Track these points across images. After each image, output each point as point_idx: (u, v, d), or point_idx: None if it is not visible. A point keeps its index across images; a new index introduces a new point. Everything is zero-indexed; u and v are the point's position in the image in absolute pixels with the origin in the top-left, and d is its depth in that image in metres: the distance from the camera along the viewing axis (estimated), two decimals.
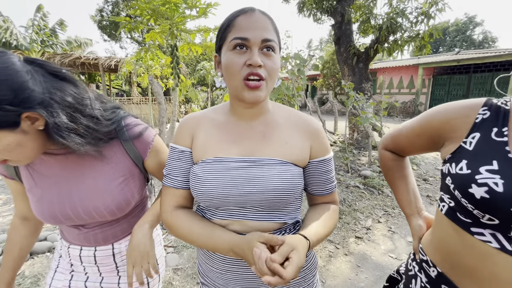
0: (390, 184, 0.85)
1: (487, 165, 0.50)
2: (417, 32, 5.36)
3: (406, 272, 0.75)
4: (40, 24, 9.36)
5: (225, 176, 0.63)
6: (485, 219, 0.50)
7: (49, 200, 0.72)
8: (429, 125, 0.66)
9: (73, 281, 0.85)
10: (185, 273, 2.03)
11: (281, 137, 0.68)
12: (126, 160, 0.76)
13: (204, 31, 6.62)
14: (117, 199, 0.75)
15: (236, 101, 0.68)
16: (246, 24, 0.59)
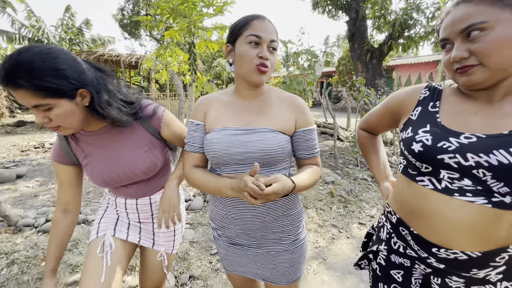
0: (365, 158, 1.03)
1: (423, 128, 0.68)
2: (433, 27, 5.31)
3: (377, 225, 0.93)
4: (68, 23, 9.98)
5: (229, 140, 0.83)
6: (423, 168, 0.67)
7: (99, 170, 0.94)
8: (389, 106, 0.85)
9: (120, 220, 1.09)
10: (200, 245, 2.28)
11: (272, 112, 0.88)
12: (146, 134, 0.98)
13: (221, 28, 6.87)
14: (146, 163, 0.97)
15: (243, 83, 0.88)
16: (260, 27, 0.80)
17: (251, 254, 0.95)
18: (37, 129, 9.75)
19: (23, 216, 2.41)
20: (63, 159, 0.95)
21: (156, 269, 1.10)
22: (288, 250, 0.94)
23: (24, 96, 0.69)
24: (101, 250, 0.94)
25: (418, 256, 0.73)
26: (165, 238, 1.11)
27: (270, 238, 0.92)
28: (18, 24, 9.00)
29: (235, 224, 0.91)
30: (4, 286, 1.72)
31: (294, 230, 0.95)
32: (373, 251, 0.88)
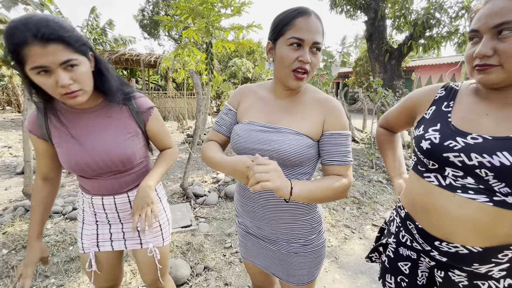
0: (382, 154, 1.06)
1: (433, 126, 0.71)
2: (456, 27, 5.14)
3: (389, 219, 0.96)
4: (93, 24, 10.44)
5: (252, 135, 0.85)
6: (430, 165, 0.70)
7: (74, 152, 0.88)
8: (406, 104, 0.88)
9: (100, 229, 1.04)
10: (214, 239, 2.36)
11: (301, 113, 0.85)
12: (132, 122, 0.95)
13: (238, 28, 6.98)
14: (126, 150, 0.92)
15: (279, 84, 0.86)
16: (304, 26, 0.74)
17: (263, 247, 0.97)
18: None
19: None
20: (37, 131, 0.89)
21: (150, 265, 1.09)
22: (298, 253, 0.92)
23: (55, 51, 0.68)
24: (90, 266, 1.03)
25: (423, 249, 0.76)
26: (152, 234, 1.07)
27: (280, 237, 0.93)
28: None
29: (250, 216, 0.95)
30: (36, 266, 1.87)
31: (307, 235, 0.92)
32: (383, 243, 0.91)
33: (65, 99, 0.76)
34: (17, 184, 3.64)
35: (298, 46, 0.76)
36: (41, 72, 0.70)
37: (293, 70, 0.77)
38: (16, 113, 13.61)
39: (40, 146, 0.91)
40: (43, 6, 1.96)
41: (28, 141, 2.23)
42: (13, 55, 0.69)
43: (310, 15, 0.76)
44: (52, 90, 0.73)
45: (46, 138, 0.89)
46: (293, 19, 0.76)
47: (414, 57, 15.93)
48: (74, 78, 0.74)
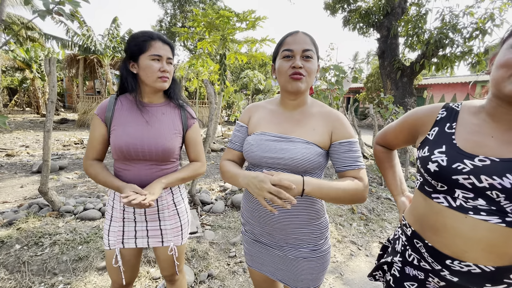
0: (382, 173, 1.06)
1: (439, 148, 0.71)
2: (469, 47, 5.12)
3: (393, 237, 0.95)
4: (114, 33, 10.93)
5: (265, 144, 0.92)
6: (439, 186, 0.71)
7: (129, 133, 1.04)
8: (407, 122, 0.88)
9: (126, 227, 1.13)
10: (219, 247, 2.37)
11: (310, 124, 0.93)
12: (180, 123, 1.15)
13: (251, 42, 7.17)
14: (169, 142, 1.09)
15: (284, 93, 0.95)
16: (292, 41, 0.88)
17: (271, 254, 0.99)
18: (77, 127, 10.64)
19: (65, 203, 2.67)
20: (102, 115, 1.07)
21: (168, 262, 1.20)
22: (306, 258, 0.96)
23: (167, 49, 1.05)
24: (116, 262, 1.11)
25: (432, 269, 0.75)
26: (173, 234, 1.17)
27: (290, 243, 0.96)
28: (71, 32, 10.05)
29: (259, 222, 0.98)
30: (46, 263, 1.92)
31: (315, 240, 0.97)
32: (388, 262, 0.90)
33: (158, 81, 1.04)
34: (33, 182, 3.78)
35: (289, 57, 0.88)
36: (155, 59, 1.03)
37: (289, 76, 0.88)
38: (35, 114, 14.18)
39: (98, 129, 1.08)
40: (73, 17, 2.11)
41: (49, 141, 2.34)
42: (136, 46, 1.02)
43: (297, 32, 0.90)
44: (154, 71, 1.03)
45: (107, 122, 1.07)
46: (284, 39, 0.91)
47: (427, 75, 15.84)
48: (169, 71, 1.07)
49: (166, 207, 1.16)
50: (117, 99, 1.11)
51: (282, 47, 0.90)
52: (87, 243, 2.15)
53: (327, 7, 8.59)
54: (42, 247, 2.04)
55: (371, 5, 6.41)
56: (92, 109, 11.22)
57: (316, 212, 0.96)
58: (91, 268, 1.93)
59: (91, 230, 2.32)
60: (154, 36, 1.03)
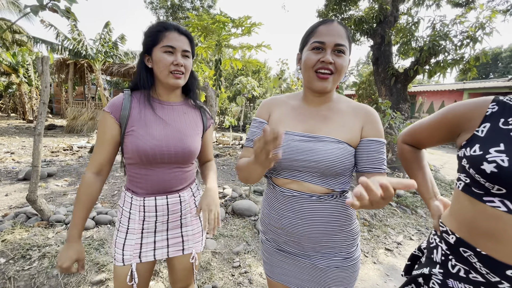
0: (410, 174, 0.96)
1: (495, 147, 0.64)
2: (461, 55, 5.26)
3: (428, 245, 0.85)
4: (106, 37, 10.76)
5: (291, 145, 0.83)
6: (494, 189, 0.63)
7: (152, 135, 0.94)
8: (446, 118, 0.80)
9: (144, 239, 1.01)
10: (221, 257, 2.24)
11: (340, 121, 0.85)
12: (200, 123, 1.10)
13: (247, 47, 7.18)
14: (194, 143, 1.03)
15: (308, 90, 0.87)
16: (325, 32, 0.79)
17: (298, 263, 0.90)
18: (66, 133, 10.29)
19: (55, 212, 2.50)
20: (117, 114, 0.93)
21: (186, 271, 1.10)
22: (339, 267, 0.87)
23: (184, 41, 0.95)
24: (130, 279, 0.96)
25: (486, 281, 0.67)
26: (195, 239, 1.10)
27: (321, 251, 0.88)
28: (62, 36, 9.83)
29: (285, 230, 0.88)
30: (34, 278, 1.76)
31: (348, 247, 0.89)
32: (425, 274, 0.80)
33: (170, 77, 0.94)
34: (19, 190, 3.55)
35: (319, 49, 0.79)
36: (168, 51, 0.92)
37: (316, 71, 0.79)
38: (21, 120, 13.68)
39: (110, 130, 0.94)
40: (69, 14, 1.99)
41: (39, 145, 2.19)
42: (150, 37, 0.93)
43: (333, 22, 0.81)
44: (166, 65, 0.92)
45: (122, 123, 0.94)
46: (316, 27, 0.82)
47: (415, 83, 16.28)
48: (184, 65, 0.95)
49: (189, 211, 1.08)
50: (132, 96, 0.98)
51: (312, 36, 0.81)
52: None
53: (320, 15, 8.73)
54: (30, 261, 1.87)
55: (365, 14, 6.53)
56: (82, 115, 10.91)
57: (349, 216, 0.89)
58: (85, 283, 1.78)
59: (84, 240, 2.16)
60: (169, 26, 0.94)
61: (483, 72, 26.52)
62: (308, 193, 0.84)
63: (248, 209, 2.92)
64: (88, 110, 11.02)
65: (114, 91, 21.68)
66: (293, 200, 0.85)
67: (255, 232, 2.63)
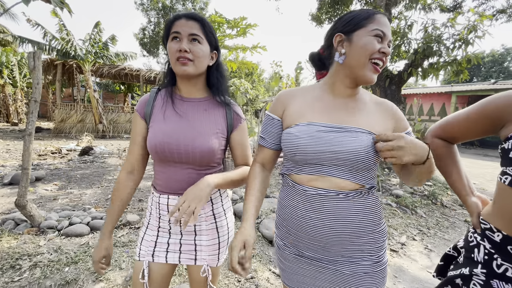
0: (443, 170, 0.92)
1: None
2: (454, 57, 5.37)
3: (466, 244, 0.81)
4: (96, 38, 10.48)
5: (318, 136, 0.77)
6: None
7: (163, 131, 0.91)
8: (487, 110, 0.76)
9: (159, 238, 0.99)
10: (226, 262, 2.15)
11: (368, 113, 0.81)
12: (223, 122, 0.99)
13: (243, 48, 7.13)
14: (209, 143, 0.92)
15: (346, 79, 0.81)
16: (384, 23, 0.76)
17: (321, 270, 0.82)
18: (54, 136, 9.94)
19: (46, 217, 2.34)
20: (141, 109, 0.97)
21: (201, 284, 1.02)
22: (367, 273, 0.80)
23: (192, 25, 0.87)
24: (142, 277, 0.96)
25: None
26: (209, 252, 1.00)
27: (348, 256, 0.80)
28: (49, 36, 9.50)
29: (309, 234, 0.80)
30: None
31: (377, 250, 0.81)
32: (465, 275, 0.75)
33: (177, 64, 0.88)
34: (5, 195, 3.35)
35: (381, 38, 0.76)
36: (174, 39, 0.88)
37: (373, 60, 0.76)
38: (5, 123, 13.13)
39: (138, 127, 0.97)
40: (63, 4, 1.87)
41: (30, 146, 2.04)
42: (164, 32, 0.92)
43: (385, 16, 0.78)
44: (172, 54, 0.87)
45: (147, 118, 0.96)
46: (373, 14, 0.77)
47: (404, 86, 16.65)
48: (192, 50, 0.87)
49: (204, 219, 0.99)
50: (158, 93, 0.99)
51: (373, 23, 0.76)
52: (75, 263, 1.85)
53: (313, 19, 8.81)
54: (20, 271, 1.73)
55: None
56: (70, 117, 10.57)
57: (378, 215, 0.82)
58: None
59: (79, 248, 2.03)
60: (179, 15, 0.89)
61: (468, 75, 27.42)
62: (335, 190, 0.77)
63: None
64: (77, 112, 10.69)
65: (103, 93, 21.19)
66: (317, 199, 0.78)
67: (259, 236, 2.55)
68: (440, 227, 3.31)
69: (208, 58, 0.93)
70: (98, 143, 8.73)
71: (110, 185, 4.07)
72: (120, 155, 6.77)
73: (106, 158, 6.35)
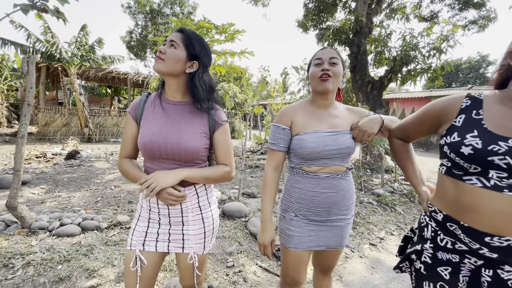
0: (401, 165, 1.10)
1: (470, 133, 0.77)
2: (429, 65, 5.73)
3: (419, 225, 0.97)
4: (82, 41, 10.35)
5: (322, 139, 1.11)
6: (471, 169, 0.75)
7: (152, 131, 1.01)
8: (429, 113, 0.93)
9: (150, 228, 1.10)
10: (215, 257, 2.26)
11: (346, 118, 1.18)
12: (206, 124, 1.08)
13: (231, 53, 7.27)
14: (193, 142, 1.03)
15: (316, 95, 1.18)
16: (321, 53, 1.15)
17: (323, 227, 1.18)
18: (37, 140, 9.68)
19: (37, 219, 2.37)
20: (133, 113, 1.08)
21: (188, 271, 1.12)
22: (348, 223, 1.23)
23: (176, 35, 1.01)
24: (134, 265, 1.04)
25: (469, 249, 0.78)
26: (196, 240, 1.10)
27: (339, 214, 1.18)
28: (33, 38, 9.32)
29: (320, 203, 1.14)
30: (19, 287, 1.67)
31: (351, 208, 1.23)
32: (417, 250, 0.91)
33: (155, 59, 1.01)
34: None
35: (319, 65, 1.13)
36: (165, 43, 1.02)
37: (319, 77, 1.11)
38: None
39: (130, 127, 1.09)
40: (59, 14, 1.98)
41: (22, 149, 2.09)
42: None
43: (326, 48, 1.17)
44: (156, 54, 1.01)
45: (137, 119, 1.07)
46: (315, 53, 1.19)
47: (387, 91, 17.28)
48: (166, 52, 0.99)
49: (190, 210, 1.09)
50: (148, 97, 1.10)
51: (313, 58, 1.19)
52: (68, 261, 1.91)
53: (299, 25, 9.09)
54: (13, 269, 1.78)
55: (342, 24, 6.91)
56: (55, 121, 10.34)
57: (353, 185, 1.23)
58: None
59: (71, 247, 2.08)
60: (177, 30, 1.05)
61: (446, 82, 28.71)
62: (335, 173, 1.15)
63: (238, 210, 2.95)
64: (62, 116, 10.46)
65: (89, 97, 20.73)
66: (325, 180, 1.14)
67: (247, 233, 2.67)
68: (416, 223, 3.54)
69: (181, 63, 1.01)
70: (85, 147, 8.59)
71: (98, 188, 4.08)
72: (108, 159, 6.71)
73: (94, 162, 6.30)
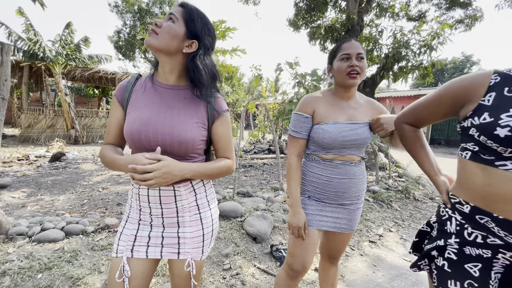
0: (413, 153, 0.98)
1: (506, 112, 0.67)
2: (420, 62, 5.77)
3: (438, 219, 0.87)
4: (67, 39, 9.99)
5: (341, 130, 1.18)
6: (507, 153, 0.66)
7: (140, 118, 0.88)
8: (449, 93, 0.82)
9: (140, 231, 0.95)
10: (210, 260, 2.13)
11: (364, 110, 1.25)
12: (204, 113, 0.94)
13: (222, 52, 7.15)
14: (187, 132, 0.89)
15: (340, 88, 1.24)
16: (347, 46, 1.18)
17: (337, 210, 1.26)
18: (20, 142, 9.26)
19: (15, 224, 2.19)
20: (120, 96, 0.95)
21: (183, 280, 0.97)
22: (359, 207, 1.30)
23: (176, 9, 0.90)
24: (120, 276, 0.89)
25: (505, 243, 0.70)
26: (193, 244, 0.96)
27: (352, 198, 1.26)
28: (15, 36, 8.92)
29: (335, 187, 1.22)
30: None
31: (362, 194, 1.30)
32: (439, 246, 0.81)
33: (148, 33, 0.89)
34: None
35: (347, 59, 1.16)
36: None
37: (347, 74, 1.16)
38: None
39: (114, 112, 0.96)
40: None
41: None
42: None
43: (351, 40, 1.18)
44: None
45: (124, 104, 0.94)
46: (340, 45, 1.19)
47: (377, 90, 17.52)
48: (163, 26, 0.88)
49: (187, 210, 0.95)
50: (138, 79, 0.97)
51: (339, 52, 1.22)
52: (49, 269, 1.75)
53: (290, 24, 9.05)
54: None
55: (333, 22, 6.90)
56: (39, 122, 9.93)
57: (365, 173, 1.31)
58: None
59: (53, 253, 1.91)
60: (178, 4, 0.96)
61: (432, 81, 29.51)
62: (351, 161, 1.23)
63: (233, 210, 2.83)
64: (47, 117, 10.05)
65: (76, 97, 20.13)
66: (341, 167, 1.22)
67: (243, 233, 2.56)
68: (413, 218, 3.51)
69: (177, 40, 0.87)
70: (71, 149, 8.26)
71: (85, 190, 3.87)
72: (95, 161, 6.46)
73: (80, 163, 6.03)
